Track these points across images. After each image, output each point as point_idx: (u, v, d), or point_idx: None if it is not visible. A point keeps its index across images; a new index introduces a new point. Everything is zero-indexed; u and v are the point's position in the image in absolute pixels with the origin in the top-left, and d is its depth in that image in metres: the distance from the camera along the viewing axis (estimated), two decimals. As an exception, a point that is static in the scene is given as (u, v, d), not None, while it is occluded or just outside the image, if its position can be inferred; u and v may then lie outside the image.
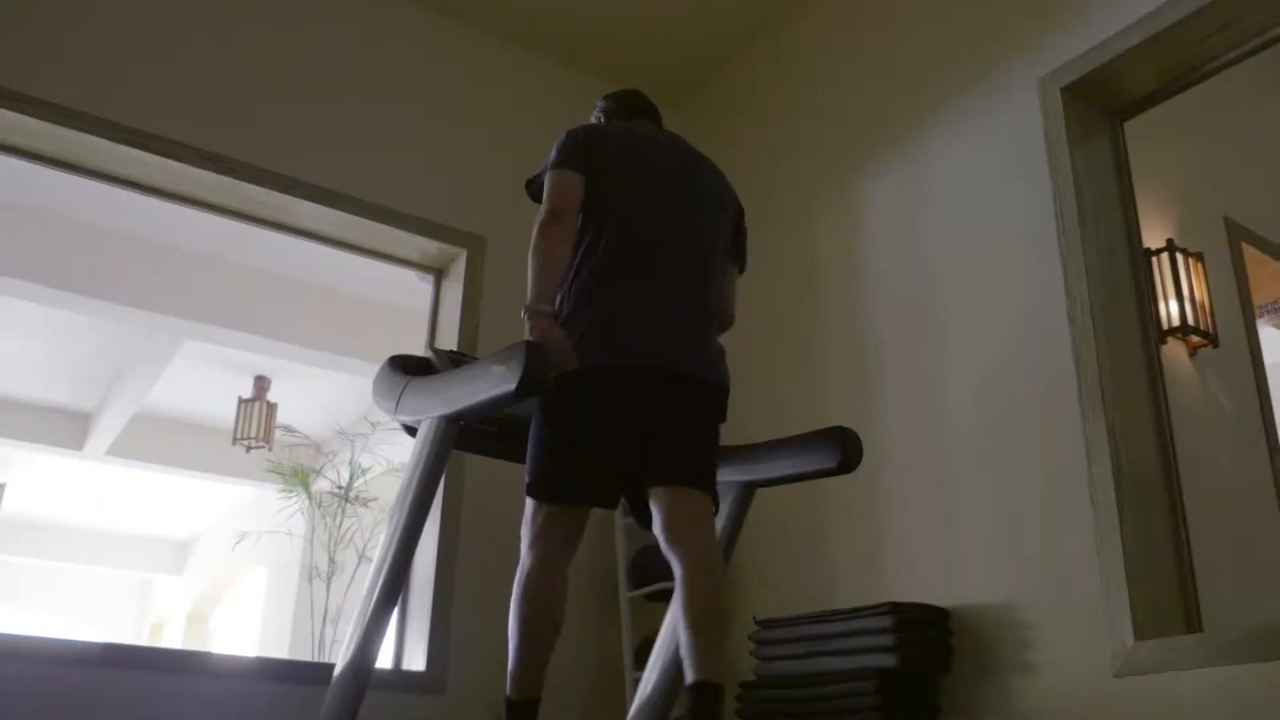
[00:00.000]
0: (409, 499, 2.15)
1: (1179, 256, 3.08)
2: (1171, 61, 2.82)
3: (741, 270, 2.48)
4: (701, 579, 2.06)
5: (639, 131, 2.45)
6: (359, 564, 5.13)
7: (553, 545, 2.13)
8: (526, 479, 2.15)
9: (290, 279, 5.18)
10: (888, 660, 2.65)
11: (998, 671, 2.65)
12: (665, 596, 3.49)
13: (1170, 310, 3.00)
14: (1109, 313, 2.70)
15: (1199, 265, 3.16)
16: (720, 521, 2.42)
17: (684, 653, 2.02)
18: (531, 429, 2.19)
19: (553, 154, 2.30)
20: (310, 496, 5.33)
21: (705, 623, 2.02)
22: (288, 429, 5.45)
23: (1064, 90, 2.89)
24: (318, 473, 5.33)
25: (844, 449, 2.23)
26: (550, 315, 2.10)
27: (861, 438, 2.35)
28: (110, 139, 3.20)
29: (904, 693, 2.68)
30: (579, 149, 2.27)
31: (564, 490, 2.14)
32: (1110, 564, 2.45)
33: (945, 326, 3.07)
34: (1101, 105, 2.95)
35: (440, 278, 3.86)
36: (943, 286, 3.11)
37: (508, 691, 2.10)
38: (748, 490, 2.44)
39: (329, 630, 5.01)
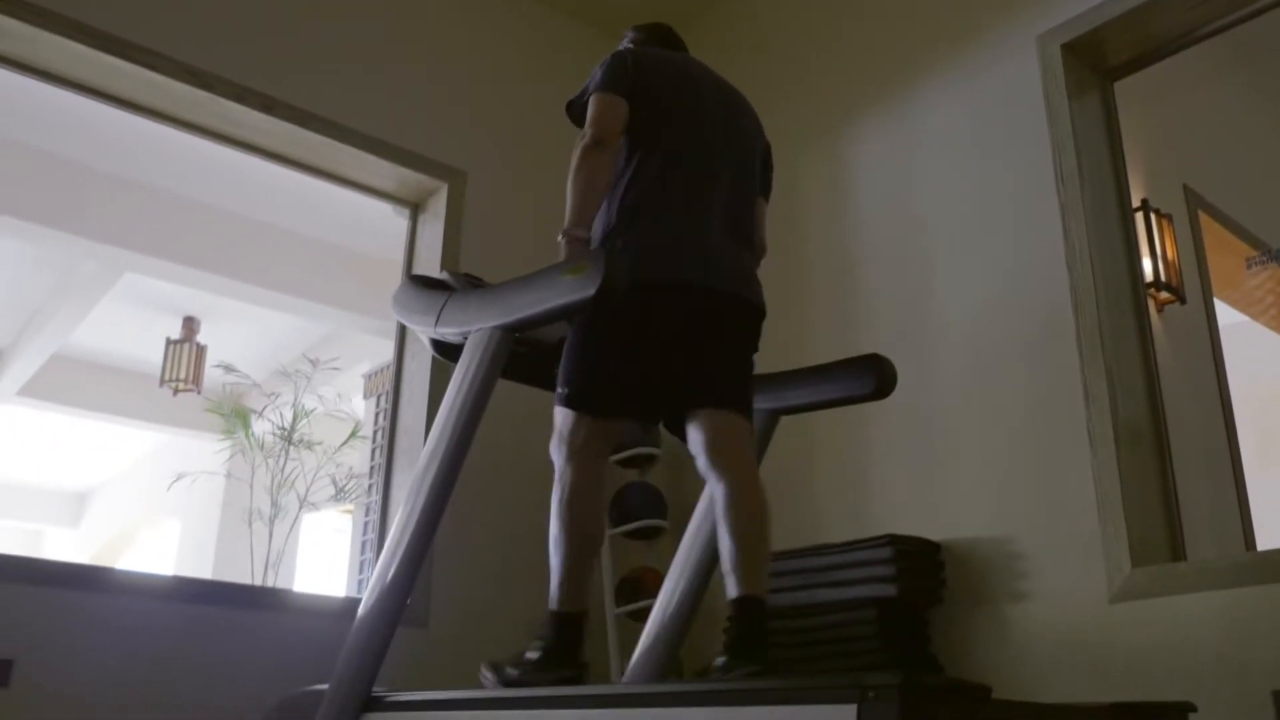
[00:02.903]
0: (454, 418, 2.09)
1: (1152, 216, 3.23)
2: (1162, 27, 2.95)
3: (766, 200, 2.51)
4: (750, 497, 2.09)
5: (680, 59, 2.46)
6: (300, 508, 5.03)
7: (592, 458, 2.12)
8: (566, 391, 2.13)
9: (240, 216, 5.02)
10: (887, 590, 2.73)
11: (990, 601, 2.76)
12: (644, 535, 3.54)
13: (1144, 266, 3.15)
14: (1105, 262, 2.82)
15: (1169, 225, 3.32)
16: (743, 448, 2.45)
17: (729, 568, 2.05)
18: (571, 343, 2.17)
19: (597, 75, 2.27)
20: (251, 437, 5.18)
21: (753, 539, 2.06)
22: (229, 367, 5.27)
23: (1062, 47, 2.99)
24: (259, 414, 5.18)
25: (879, 375, 2.28)
26: (585, 241, 2.11)
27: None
28: (86, 44, 3.03)
29: (898, 622, 2.77)
30: (625, 72, 2.25)
31: (610, 403, 2.13)
32: (1108, 497, 2.57)
33: (936, 273, 3.16)
34: (1094, 65, 3.07)
35: (417, 212, 3.79)
36: (934, 234, 3.20)
37: (555, 605, 2.08)
38: (773, 418, 2.47)
39: (270, 575, 4.89)
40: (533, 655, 2.03)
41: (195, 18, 3.26)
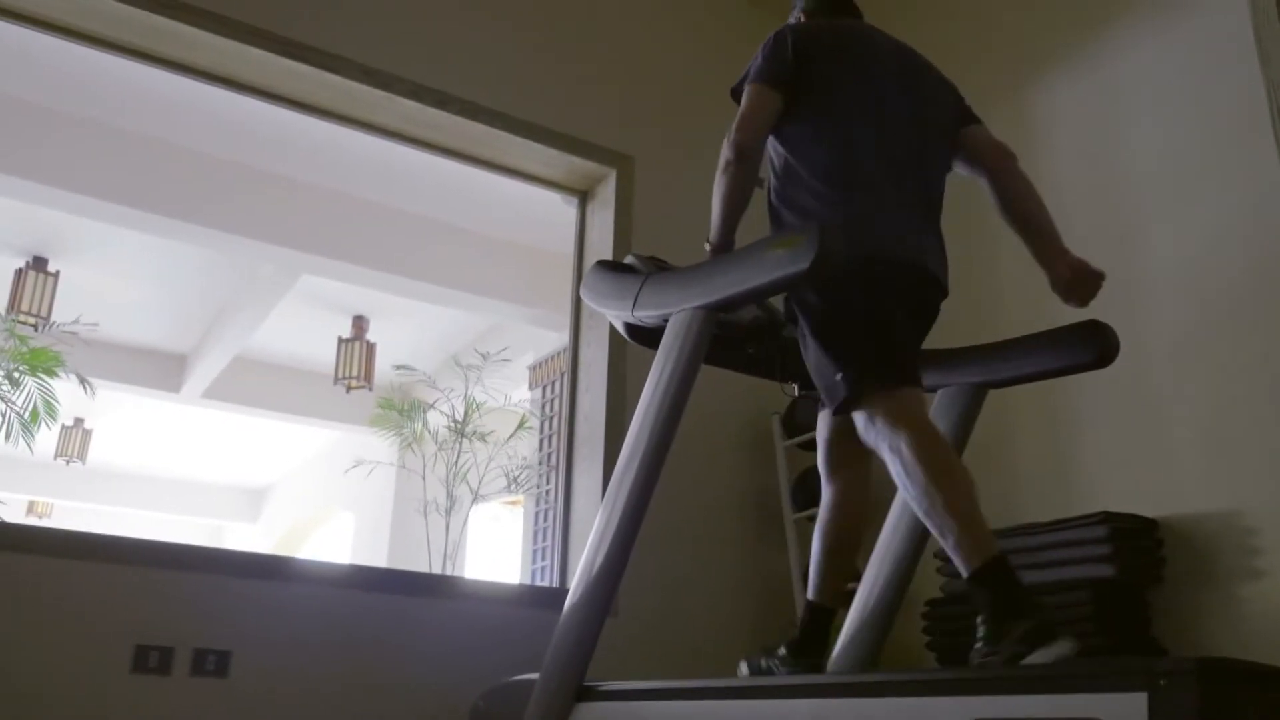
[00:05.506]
0: (658, 403, 2.04)
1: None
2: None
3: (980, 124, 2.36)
4: (862, 497, 2.29)
5: (852, 27, 2.35)
6: (473, 500, 5.12)
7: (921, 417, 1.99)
8: (851, 376, 1.95)
9: (407, 213, 5.15)
10: (1103, 570, 2.58)
11: (1219, 580, 2.58)
12: (831, 518, 3.45)
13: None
14: (1335, 210, 2.60)
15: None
16: (949, 426, 2.35)
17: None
18: (818, 342, 2.04)
19: (758, 59, 2.19)
20: (426, 430, 5.31)
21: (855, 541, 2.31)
22: (407, 368, 5.42)
23: (1274, -17, 2.77)
24: (433, 406, 5.30)
25: (1102, 343, 2.15)
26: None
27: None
28: (269, 50, 3.12)
29: (1116, 604, 2.61)
30: (785, 56, 2.16)
31: (905, 370, 2.00)
32: (1354, 466, 2.37)
33: (1140, 228, 2.97)
34: (1308, -1, 2.83)
35: (585, 200, 3.78)
36: (1136, 190, 3.01)
37: (971, 566, 1.76)
38: (980, 392, 2.35)
39: (448, 565, 5.00)
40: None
41: (367, 18, 3.33)
